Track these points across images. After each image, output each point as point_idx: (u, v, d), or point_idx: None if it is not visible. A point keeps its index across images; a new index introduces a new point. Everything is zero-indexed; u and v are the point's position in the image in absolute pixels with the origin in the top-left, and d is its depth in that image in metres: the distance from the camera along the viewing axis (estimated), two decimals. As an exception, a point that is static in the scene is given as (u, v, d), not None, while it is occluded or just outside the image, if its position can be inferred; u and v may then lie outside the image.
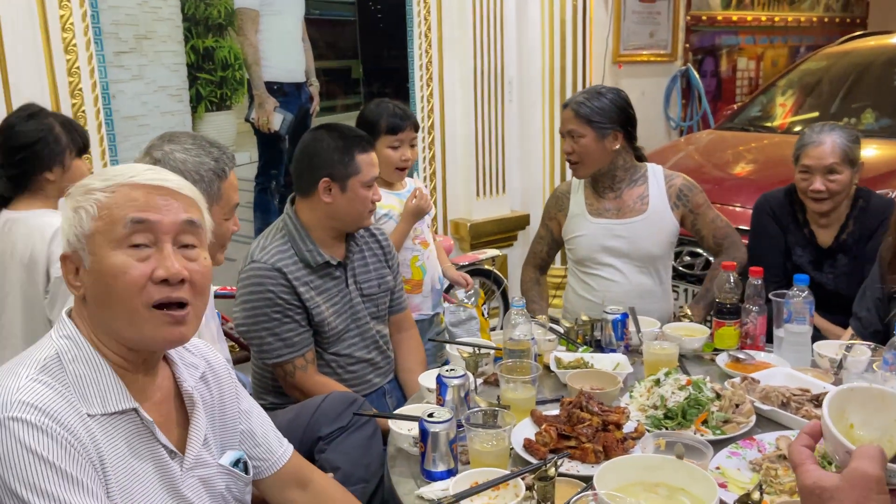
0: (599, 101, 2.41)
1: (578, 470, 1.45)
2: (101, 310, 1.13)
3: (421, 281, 2.63)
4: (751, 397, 1.67)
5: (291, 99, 3.50)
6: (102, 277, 1.11)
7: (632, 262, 2.47)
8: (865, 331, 2.04)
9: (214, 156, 1.64)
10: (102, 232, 1.11)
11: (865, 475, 0.80)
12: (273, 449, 1.41)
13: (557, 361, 1.93)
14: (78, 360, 1.12)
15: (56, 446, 1.04)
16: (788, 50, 6.17)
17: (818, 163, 2.35)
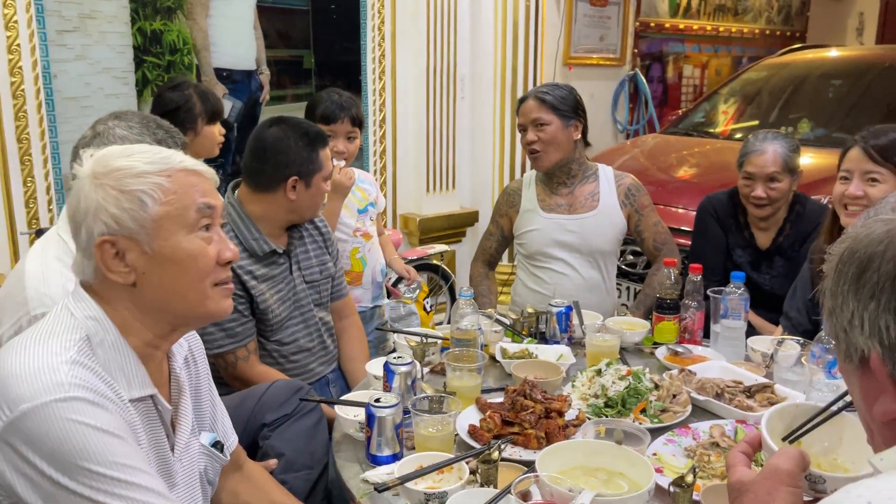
0: (560, 91, 2.49)
1: (521, 455, 1.48)
2: (164, 292, 1.15)
3: (361, 273, 2.63)
4: (687, 388, 1.73)
5: (241, 87, 3.45)
6: (176, 260, 1.14)
7: (582, 256, 2.53)
8: (795, 330, 2.13)
9: (158, 137, 1.60)
10: (173, 216, 1.13)
11: (778, 469, 0.87)
12: (228, 434, 1.44)
13: (503, 352, 1.96)
14: (105, 345, 1.12)
15: (116, 421, 1.06)
16: (732, 59, 6.36)
17: (760, 171, 2.43)
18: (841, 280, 0.72)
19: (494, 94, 4.35)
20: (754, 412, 1.64)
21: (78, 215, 1.12)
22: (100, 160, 1.13)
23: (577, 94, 2.53)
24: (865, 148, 1.96)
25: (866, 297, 0.68)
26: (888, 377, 0.68)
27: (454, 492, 1.30)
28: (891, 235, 0.68)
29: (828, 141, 3.98)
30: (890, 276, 0.66)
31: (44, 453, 1.00)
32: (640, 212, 2.54)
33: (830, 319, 0.74)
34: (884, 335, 0.67)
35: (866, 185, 1.96)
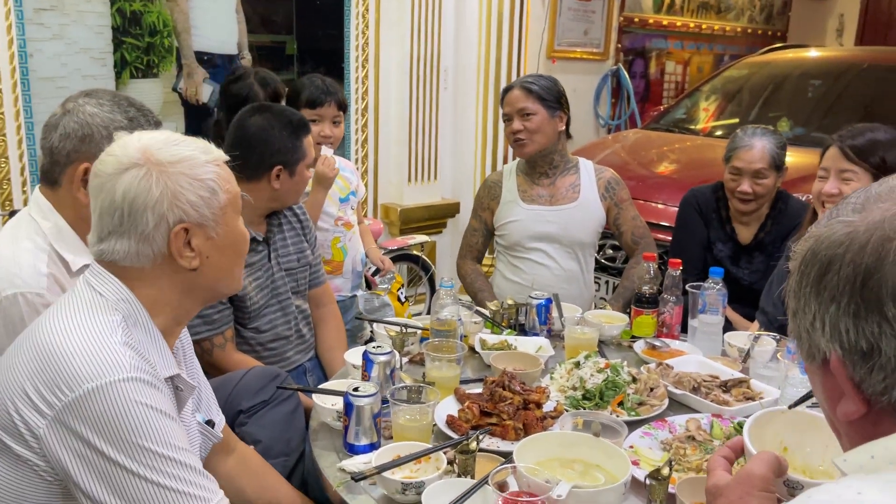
0: (545, 82, 2.50)
1: (499, 446, 1.48)
2: (219, 273, 1.22)
3: (342, 262, 2.61)
4: (664, 382, 1.74)
5: (222, 71, 3.41)
6: (234, 243, 1.23)
7: (561, 247, 2.54)
8: (771, 324, 2.15)
9: (130, 115, 1.54)
10: (231, 203, 1.21)
11: (751, 474, 0.88)
12: (214, 414, 1.44)
13: (482, 343, 1.96)
14: (138, 326, 1.15)
15: (169, 402, 1.12)
16: (713, 57, 6.40)
17: (748, 166, 2.44)
18: (803, 281, 0.72)
19: (477, 85, 4.34)
20: (730, 406, 1.65)
21: (138, 202, 1.12)
22: (156, 149, 1.14)
23: (561, 86, 2.54)
24: (841, 147, 1.99)
25: (827, 300, 0.68)
26: (848, 379, 0.68)
27: (431, 482, 1.30)
28: (850, 238, 0.67)
29: (807, 140, 4.02)
30: (849, 280, 0.66)
31: (106, 433, 1.02)
32: (619, 205, 2.55)
33: (794, 320, 0.74)
34: (843, 338, 0.67)
35: (841, 183, 1.99)
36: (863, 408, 0.68)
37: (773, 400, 1.68)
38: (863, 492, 0.60)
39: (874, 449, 0.65)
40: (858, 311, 0.66)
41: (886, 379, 0.65)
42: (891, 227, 0.65)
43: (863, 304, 0.65)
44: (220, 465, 1.46)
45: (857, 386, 0.68)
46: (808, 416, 1.07)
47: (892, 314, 0.64)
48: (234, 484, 1.47)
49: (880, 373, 0.65)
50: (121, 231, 1.13)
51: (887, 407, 0.67)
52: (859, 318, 0.66)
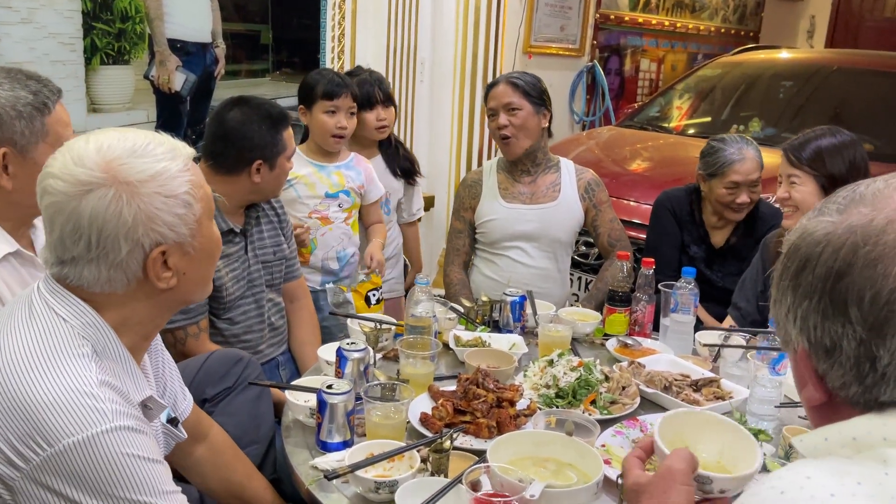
0: (530, 78, 2.51)
1: (472, 444, 1.48)
2: (195, 285, 1.15)
3: (308, 253, 2.56)
4: (636, 380, 1.76)
5: (195, 59, 3.35)
6: (209, 252, 1.15)
7: (539, 246, 2.55)
8: (744, 320, 2.20)
9: (33, 89, 1.48)
10: (205, 210, 1.12)
11: (672, 469, 0.95)
12: (178, 402, 1.40)
13: (456, 339, 1.97)
14: (107, 353, 1.07)
15: (153, 444, 1.05)
16: (687, 55, 6.45)
17: (745, 178, 2.43)
18: (784, 274, 0.76)
19: (454, 78, 4.32)
20: (700, 406, 1.67)
21: (108, 229, 1.01)
22: (120, 164, 1.03)
23: (544, 84, 2.56)
24: (786, 153, 2.06)
25: (801, 296, 0.73)
26: (812, 370, 0.74)
27: (404, 480, 1.30)
28: (828, 238, 0.71)
29: (777, 140, 4.07)
30: (822, 280, 0.70)
31: (88, 487, 0.96)
32: (597, 207, 2.57)
33: (774, 308, 0.79)
34: (811, 333, 0.72)
35: (790, 187, 2.05)
36: (824, 397, 0.74)
37: (743, 399, 1.70)
38: (812, 476, 0.64)
39: (828, 432, 0.70)
40: (826, 310, 0.70)
41: (845, 376, 0.70)
42: (863, 235, 0.69)
43: (831, 304, 0.70)
44: (192, 452, 1.43)
45: (821, 378, 0.73)
46: (704, 416, 1.14)
47: (855, 317, 0.68)
48: (202, 472, 1.44)
49: (840, 369, 0.71)
50: (88, 258, 1.03)
51: (845, 400, 0.72)
52: (826, 317, 0.70)
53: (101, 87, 3.05)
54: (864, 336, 0.67)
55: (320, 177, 2.55)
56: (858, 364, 0.69)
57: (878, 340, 0.67)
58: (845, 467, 0.64)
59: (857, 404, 0.71)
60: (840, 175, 1.97)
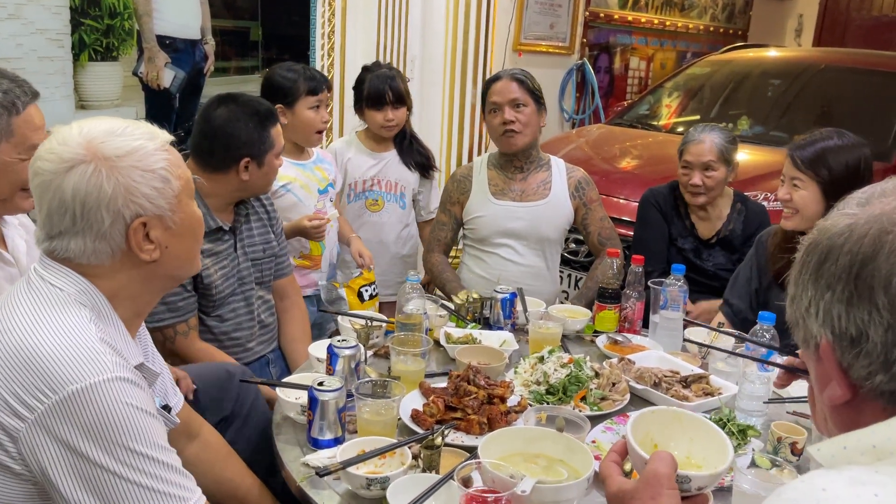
0: (530, 76, 2.55)
1: (463, 441, 1.49)
2: (179, 261, 1.20)
3: (320, 257, 2.59)
4: (626, 377, 1.77)
5: (184, 56, 3.33)
6: (191, 228, 1.20)
7: (528, 244, 2.55)
8: (736, 317, 2.21)
9: (3, 88, 1.48)
10: (185, 189, 1.18)
11: (657, 473, 0.93)
12: (170, 397, 1.40)
13: (447, 336, 1.97)
14: (103, 317, 1.12)
15: (150, 400, 1.10)
16: (676, 54, 6.48)
17: (697, 159, 2.54)
18: (804, 269, 0.75)
19: (444, 76, 4.32)
20: (690, 402, 1.68)
21: (90, 201, 1.08)
22: (100, 142, 1.10)
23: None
24: (791, 155, 2.06)
25: (823, 287, 0.72)
26: (836, 364, 0.72)
27: (396, 477, 1.30)
28: (851, 229, 0.71)
29: (765, 139, 4.11)
30: (846, 268, 0.70)
31: (91, 434, 1.01)
32: (587, 205, 2.58)
33: (791, 306, 0.78)
34: (835, 324, 0.71)
35: (792, 189, 2.06)
36: (848, 393, 0.72)
37: (732, 395, 1.72)
38: (827, 488, 0.62)
39: (847, 441, 0.69)
40: (851, 298, 0.69)
41: (871, 365, 0.68)
42: (889, 221, 0.69)
43: (856, 291, 0.69)
44: (182, 450, 1.41)
45: (845, 371, 0.71)
46: (670, 413, 1.14)
47: (882, 303, 0.67)
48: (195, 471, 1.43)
49: (866, 359, 0.69)
50: (74, 231, 1.10)
51: (870, 392, 0.70)
52: (851, 306, 0.69)
53: (90, 84, 3.02)
54: (892, 322, 0.66)
55: (308, 175, 2.55)
56: (886, 351, 0.67)
57: None
58: (862, 477, 0.63)
59: (882, 395, 0.69)
60: (840, 180, 1.96)
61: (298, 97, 2.48)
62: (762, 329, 1.67)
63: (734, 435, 1.49)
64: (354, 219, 2.87)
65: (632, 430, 1.05)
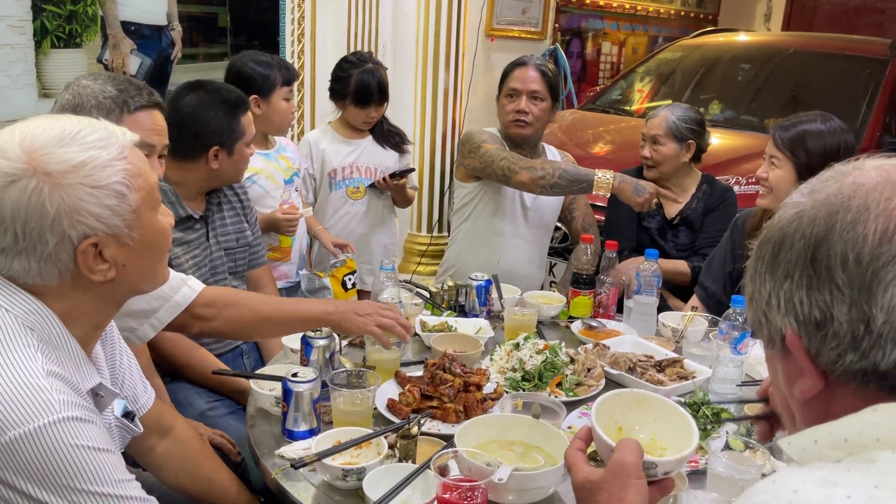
0: (552, 70, 2.55)
1: (440, 429, 1.48)
2: (140, 277, 1.10)
3: (289, 248, 2.56)
4: (601, 362, 1.77)
5: (150, 42, 3.27)
6: (153, 243, 1.10)
7: (529, 228, 2.59)
8: (710, 300, 2.23)
9: (121, 87, 1.57)
10: (146, 200, 1.07)
11: (624, 462, 0.92)
12: (139, 395, 1.35)
13: (423, 325, 1.96)
14: (53, 340, 1.04)
15: (103, 433, 1.03)
16: (648, 38, 6.50)
17: (648, 132, 2.65)
18: (758, 264, 0.75)
19: (416, 61, 4.29)
20: (665, 386, 1.69)
21: (31, 222, 0.97)
22: (43, 154, 0.98)
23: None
24: (773, 134, 2.07)
25: (781, 277, 0.71)
26: (804, 353, 0.71)
27: (372, 467, 1.29)
28: (800, 216, 0.71)
29: (736, 123, 4.14)
30: (801, 254, 0.69)
31: (39, 480, 0.93)
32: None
33: (751, 305, 0.76)
34: (798, 310, 0.70)
35: (770, 167, 2.07)
36: (819, 383, 0.70)
37: (706, 379, 1.73)
38: (798, 489, 0.61)
39: (817, 433, 0.67)
40: (811, 281, 0.69)
41: (839, 345, 0.68)
42: (837, 201, 0.68)
43: (814, 274, 0.68)
44: (154, 447, 1.40)
45: (813, 359, 0.70)
46: (635, 395, 1.13)
47: (841, 280, 0.66)
48: (168, 467, 1.41)
49: (834, 339, 0.68)
50: (17, 250, 0.99)
51: (842, 376, 0.69)
52: (812, 289, 0.69)
53: (53, 72, 2.95)
54: (855, 297, 0.66)
55: (273, 165, 2.53)
56: (853, 329, 0.66)
57: (870, 299, 0.65)
58: (834, 477, 0.62)
59: (854, 376, 0.68)
60: (817, 163, 1.96)
61: (274, 88, 2.45)
62: (735, 313, 1.69)
63: (708, 418, 1.50)
64: (337, 208, 2.85)
65: (596, 415, 1.04)
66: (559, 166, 2.39)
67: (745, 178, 3.28)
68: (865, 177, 0.69)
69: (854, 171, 0.70)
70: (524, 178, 2.36)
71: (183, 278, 1.49)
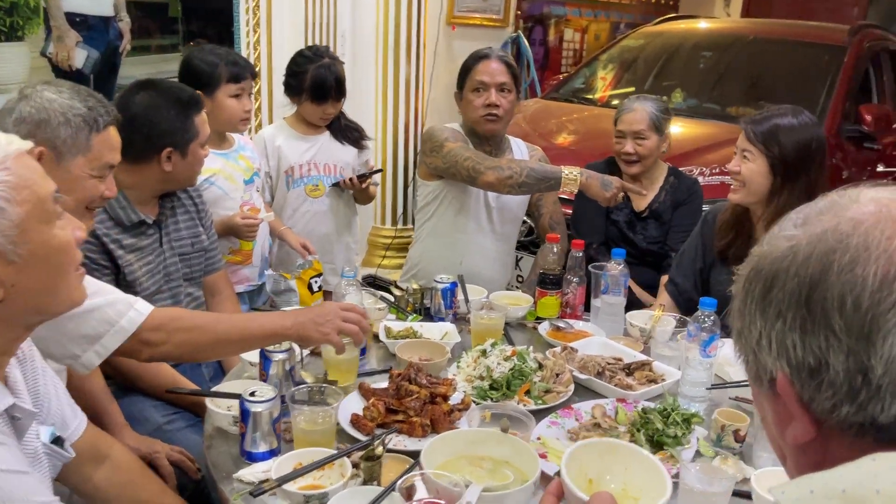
0: (514, 62, 2.51)
1: (406, 445, 1.43)
2: (35, 296, 1.02)
3: (250, 252, 2.47)
4: (570, 367, 1.74)
5: (97, 34, 3.13)
6: (47, 259, 1.02)
7: (494, 226, 2.53)
8: (680, 296, 2.22)
9: (89, 104, 1.53)
10: (33, 213, 0.99)
11: None
12: (68, 421, 1.28)
13: (387, 331, 1.90)
14: None
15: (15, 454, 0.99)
16: (610, 25, 6.48)
17: (629, 128, 2.59)
18: (748, 299, 0.69)
19: (376, 51, 4.20)
20: (634, 391, 1.67)
21: None
22: None
23: None
24: (745, 128, 2.05)
25: (773, 316, 0.66)
26: (796, 399, 0.66)
27: (335, 492, 1.24)
28: (794, 251, 0.65)
29: (699, 111, 4.14)
30: (794, 293, 0.64)
31: None
32: None
33: (739, 340, 0.72)
34: (790, 354, 0.65)
35: (742, 161, 2.04)
36: (812, 429, 0.66)
37: (675, 381, 1.71)
38: None
39: (813, 483, 0.62)
40: (805, 324, 0.64)
41: (835, 395, 0.63)
42: (834, 238, 0.63)
43: (809, 317, 0.63)
44: (91, 476, 1.32)
45: (806, 406, 0.66)
46: (605, 444, 1.13)
47: (838, 326, 0.62)
48: (107, 497, 1.33)
49: (829, 389, 0.63)
50: None
51: (836, 426, 0.64)
52: (806, 333, 0.64)
53: (-7, 66, 2.81)
54: (852, 346, 0.61)
55: (232, 165, 2.43)
56: (850, 379, 0.62)
57: (869, 349, 0.61)
58: None
59: (850, 427, 0.64)
60: (790, 157, 1.96)
61: (219, 84, 2.34)
62: (704, 315, 1.66)
63: (679, 424, 1.48)
64: (296, 208, 2.76)
65: (566, 468, 1.02)
66: (526, 165, 2.34)
67: (710, 169, 3.27)
68: (863, 212, 0.64)
69: (851, 205, 0.65)
70: (490, 179, 2.30)
71: (130, 301, 1.41)
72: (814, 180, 1.98)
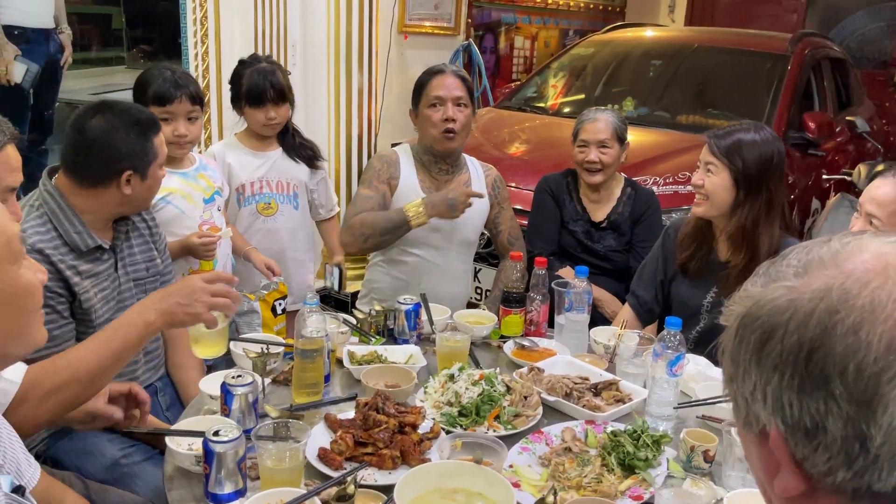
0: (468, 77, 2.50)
1: (376, 479, 1.40)
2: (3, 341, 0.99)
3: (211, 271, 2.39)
4: (538, 388, 1.73)
5: (37, 47, 3.02)
6: (12, 301, 0.98)
7: (450, 245, 2.48)
8: (641, 308, 2.24)
9: None
10: (2, 254, 0.97)
11: None
12: (23, 470, 1.21)
13: (350, 356, 1.87)
14: None
15: None
16: (559, 32, 6.53)
17: (593, 137, 2.63)
18: (742, 347, 0.67)
19: (328, 61, 4.14)
20: (602, 412, 1.67)
21: None
22: None
23: None
24: (710, 142, 2.07)
25: (769, 370, 0.64)
26: (788, 455, 0.64)
27: (307, 534, 1.20)
28: (793, 305, 0.63)
29: (650, 120, 4.19)
30: (794, 351, 0.62)
31: None
32: (501, 205, 2.57)
33: (731, 385, 0.69)
34: (786, 412, 0.63)
35: (706, 174, 2.07)
36: (802, 484, 0.64)
37: (642, 401, 1.72)
38: None
39: None
40: (803, 385, 0.62)
41: (831, 460, 0.61)
42: (838, 298, 0.61)
43: (808, 378, 0.61)
44: None
45: (800, 464, 0.64)
46: None
47: (838, 392, 0.60)
48: None
49: (825, 453, 0.61)
50: None
51: (829, 487, 0.62)
52: (804, 394, 0.62)
53: (-76, 82, 2.68)
54: (852, 413, 0.59)
55: (191, 185, 2.36)
56: (846, 446, 0.60)
57: (868, 417, 0.59)
58: None
59: (842, 492, 0.62)
60: (753, 171, 2.00)
61: (146, 104, 2.21)
62: (669, 335, 1.67)
63: (649, 447, 1.48)
64: (248, 226, 2.69)
65: None
66: (368, 221, 2.31)
67: (663, 178, 3.32)
68: (868, 267, 0.62)
69: (852, 256, 0.63)
70: (346, 241, 2.35)
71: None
72: (774, 193, 2.02)
